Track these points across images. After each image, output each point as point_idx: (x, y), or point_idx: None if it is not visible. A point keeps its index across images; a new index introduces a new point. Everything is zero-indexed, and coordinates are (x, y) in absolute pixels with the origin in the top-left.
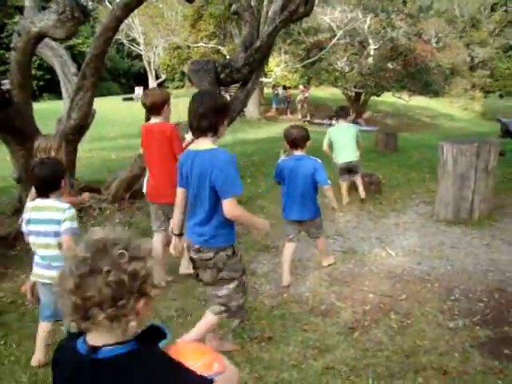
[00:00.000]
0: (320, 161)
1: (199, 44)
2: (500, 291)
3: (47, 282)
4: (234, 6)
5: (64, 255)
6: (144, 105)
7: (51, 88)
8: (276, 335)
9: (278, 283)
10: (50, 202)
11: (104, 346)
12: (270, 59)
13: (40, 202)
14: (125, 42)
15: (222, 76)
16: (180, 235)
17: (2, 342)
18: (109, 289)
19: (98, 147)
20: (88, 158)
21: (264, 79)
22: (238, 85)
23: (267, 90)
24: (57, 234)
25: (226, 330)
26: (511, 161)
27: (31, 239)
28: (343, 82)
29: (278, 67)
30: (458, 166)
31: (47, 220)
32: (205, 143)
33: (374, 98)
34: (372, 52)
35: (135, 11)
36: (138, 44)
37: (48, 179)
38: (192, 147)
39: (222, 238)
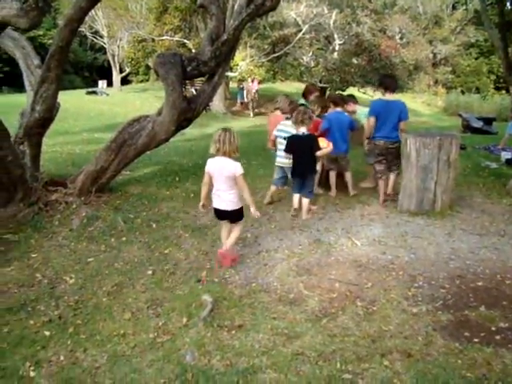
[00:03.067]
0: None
1: (164, 37)
2: (461, 278)
3: (280, 165)
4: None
5: None
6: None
7: (11, 81)
8: (246, 323)
9: (246, 274)
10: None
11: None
12: (236, 53)
13: (286, 121)
14: (88, 34)
15: (189, 69)
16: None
17: None
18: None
19: (61, 141)
20: (52, 152)
21: (229, 73)
22: (203, 78)
23: (232, 85)
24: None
25: (195, 319)
26: (472, 154)
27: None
28: (308, 77)
29: (244, 61)
30: (421, 158)
31: (285, 131)
32: (393, 96)
33: (339, 92)
34: (337, 47)
35: (99, 3)
36: (101, 36)
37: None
38: (384, 98)
39: (397, 137)
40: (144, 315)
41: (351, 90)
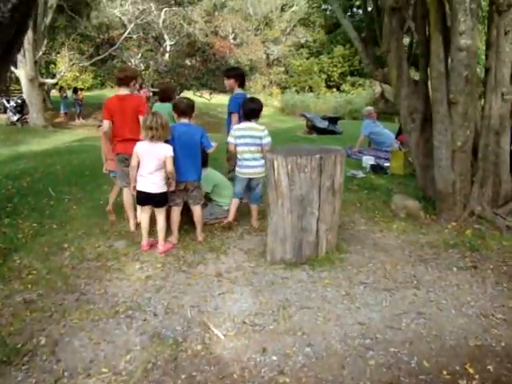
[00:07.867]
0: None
1: None
2: None
3: (248, 176)
4: None
5: None
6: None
7: None
8: None
9: None
10: (253, 124)
11: None
12: (58, 58)
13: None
14: None
15: None
16: None
17: None
18: None
19: None
20: None
21: (49, 80)
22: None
23: (55, 94)
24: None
25: None
26: None
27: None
28: (139, 81)
29: (64, 66)
30: (296, 187)
31: (252, 136)
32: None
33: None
34: (168, 48)
35: None
36: None
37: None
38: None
39: None
40: None
41: (187, 94)
